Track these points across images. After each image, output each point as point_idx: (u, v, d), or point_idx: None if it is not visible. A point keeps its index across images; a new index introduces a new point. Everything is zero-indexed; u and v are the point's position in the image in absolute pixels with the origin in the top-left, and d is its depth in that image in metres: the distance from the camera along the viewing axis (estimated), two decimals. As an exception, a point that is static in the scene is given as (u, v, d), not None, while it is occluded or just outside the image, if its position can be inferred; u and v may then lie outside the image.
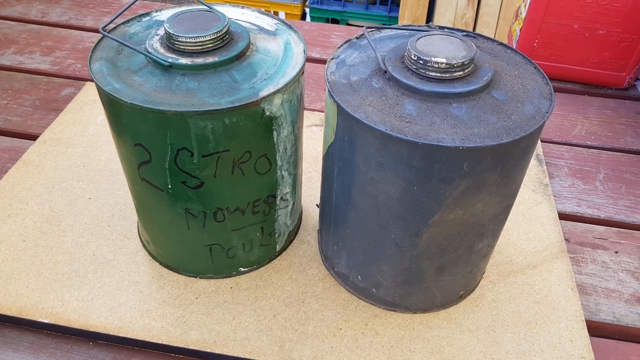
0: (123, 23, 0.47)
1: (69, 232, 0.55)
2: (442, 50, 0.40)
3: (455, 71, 0.39)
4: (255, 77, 0.41)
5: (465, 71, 0.40)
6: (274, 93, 0.40)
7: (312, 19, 1.82)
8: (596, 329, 0.52)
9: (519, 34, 0.85)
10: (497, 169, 0.38)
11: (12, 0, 1.01)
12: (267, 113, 0.41)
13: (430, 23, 0.49)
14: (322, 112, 0.76)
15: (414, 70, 0.40)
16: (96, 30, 0.93)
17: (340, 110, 0.39)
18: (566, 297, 0.52)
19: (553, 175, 0.69)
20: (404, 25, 0.48)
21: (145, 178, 0.43)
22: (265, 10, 0.48)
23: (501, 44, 0.47)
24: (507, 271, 0.54)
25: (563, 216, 0.63)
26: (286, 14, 1.85)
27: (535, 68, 0.44)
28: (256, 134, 0.42)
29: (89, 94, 0.75)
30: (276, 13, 1.83)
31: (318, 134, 0.70)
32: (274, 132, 0.43)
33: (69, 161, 0.63)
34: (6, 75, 0.81)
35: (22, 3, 1.00)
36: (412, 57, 0.40)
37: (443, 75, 0.39)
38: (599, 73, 0.83)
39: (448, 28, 0.48)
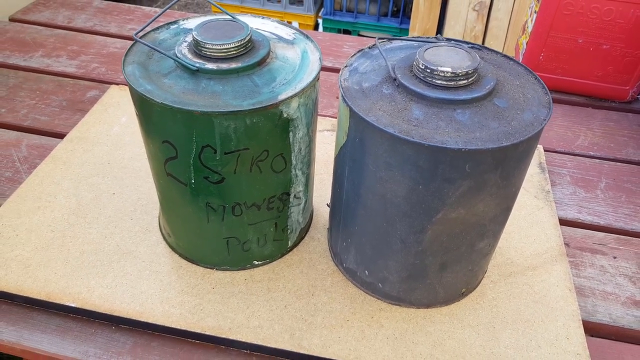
0: (153, 30, 0.50)
1: (95, 224, 0.59)
2: (448, 60, 0.43)
3: (460, 80, 0.42)
4: (274, 82, 0.45)
5: (469, 80, 0.43)
6: (292, 97, 0.43)
7: (325, 29, 1.87)
8: (593, 329, 0.54)
9: (525, 47, 0.88)
10: (498, 171, 0.41)
11: (40, 6, 1.06)
12: (285, 115, 0.44)
13: (438, 35, 0.52)
14: (334, 118, 0.79)
15: (421, 78, 0.43)
16: (120, 36, 0.97)
17: (353, 114, 0.43)
18: (564, 297, 0.54)
19: (555, 183, 0.71)
20: (413, 37, 0.51)
21: (171, 173, 0.47)
22: (280, 20, 0.52)
23: (505, 56, 0.50)
24: (508, 272, 0.56)
25: (564, 222, 0.65)
26: (299, 24, 1.89)
27: (536, 79, 0.47)
28: (274, 134, 0.45)
29: (113, 97, 0.79)
30: (290, 23, 1.88)
31: (329, 139, 0.73)
32: (290, 133, 0.46)
33: (94, 158, 0.67)
34: (35, 77, 0.85)
35: (49, 9, 1.05)
36: (420, 66, 0.43)
37: (448, 83, 0.42)
38: (603, 86, 0.86)
39: (455, 40, 0.51)
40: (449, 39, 0.51)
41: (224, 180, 0.46)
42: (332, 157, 0.70)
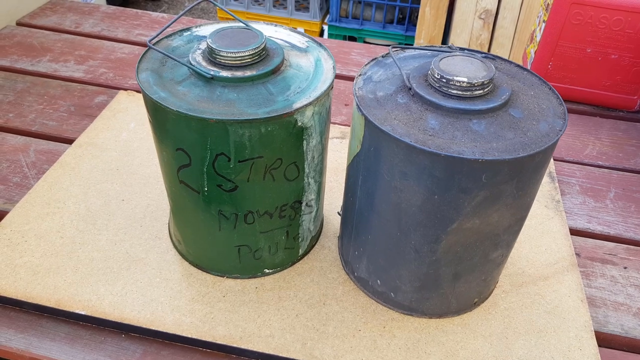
0: (166, 37, 0.50)
1: (104, 231, 0.58)
2: (463, 70, 0.43)
3: (476, 90, 0.42)
4: (289, 90, 0.45)
5: (485, 90, 0.43)
6: (306, 105, 0.43)
7: (330, 36, 1.87)
8: (605, 340, 0.54)
9: (533, 56, 0.88)
10: (513, 182, 0.41)
11: (47, 10, 1.06)
12: (299, 123, 0.44)
13: (451, 44, 0.52)
14: (343, 125, 0.79)
15: (436, 87, 0.43)
16: (128, 42, 0.97)
17: (368, 123, 0.42)
18: (576, 308, 0.54)
19: (565, 192, 0.71)
20: (426, 46, 0.51)
21: (184, 180, 0.47)
22: (293, 28, 0.52)
23: (518, 66, 0.50)
24: (520, 282, 0.56)
25: (574, 232, 0.65)
26: (305, 30, 1.90)
27: (550, 89, 0.47)
28: (288, 142, 0.45)
29: (121, 102, 0.79)
30: (295, 29, 1.88)
31: (338, 146, 0.73)
32: (304, 142, 0.46)
33: (103, 164, 0.67)
34: (42, 82, 0.85)
35: (57, 14, 1.05)
36: (436, 75, 0.43)
37: (464, 93, 0.42)
38: (611, 96, 0.86)
39: (468, 49, 0.51)
40: (462, 49, 0.51)
41: (237, 188, 0.46)
42: (341, 164, 0.70)
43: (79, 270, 0.54)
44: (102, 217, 0.60)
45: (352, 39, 1.89)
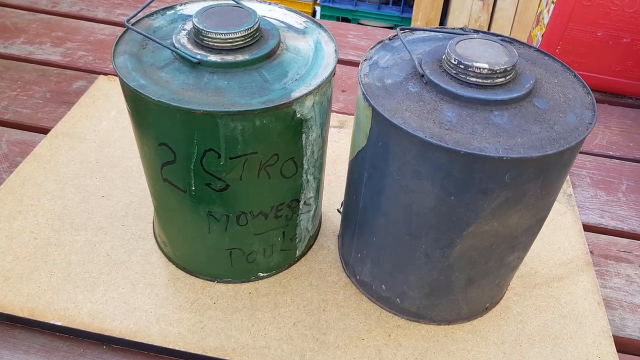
0: (147, 16, 0.45)
1: (82, 231, 0.53)
2: (483, 55, 0.38)
3: (497, 77, 0.38)
4: (286, 77, 0.40)
5: (507, 78, 0.38)
6: (306, 95, 0.38)
7: (323, 17, 1.81)
8: (622, 345, 0.50)
9: (540, 39, 0.83)
10: (539, 181, 0.37)
11: (21, -11, 0.98)
12: (298, 115, 0.39)
13: (464, 26, 0.47)
14: (340, 113, 0.74)
15: (453, 75, 0.38)
16: (108, 22, 0.91)
17: (376, 115, 0.38)
18: (593, 312, 0.50)
19: (575, 185, 0.67)
20: (437, 28, 0.47)
21: (168, 179, 0.42)
22: (289, 7, 0.47)
23: (538, 50, 0.46)
24: (532, 283, 0.52)
25: (586, 227, 0.61)
26: (296, 11, 1.83)
27: (575, 77, 0.43)
28: (285, 136, 0.40)
29: (101, 88, 0.73)
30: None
31: (336, 136, 0.68)
32: (303, 135, 0.41)
33: (81, 157, 0.62)
34: (16, 66, 0.79)
35: (32, -8, 0.98)
36: (452, 61, 0.38)
37: (484, 81, 0.38)
38: (621, 82, 0.82)
39: (483, 32, 0.47)
40: (476, 31, 0.46)
41: (228, 187, 0.41)
42: (340, 156, 0.65)
43: (54, 276, 0.49)
44: (80, 215, 0.55)
45: (345, 20, 1.82)
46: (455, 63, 0.38)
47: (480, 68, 0.37)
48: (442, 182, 0.36)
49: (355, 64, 0.86)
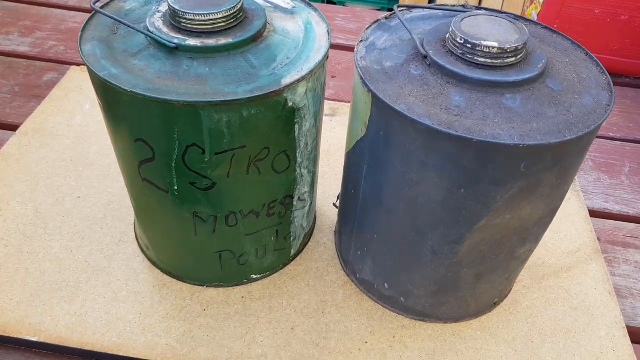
0: (117, -2, 0.41)
1: (57, 236, 0.49)
2: (491, 33, 0.35)
3: (508, 57, 0.34)
4: (275, 62, 0.36)
5: (518, 57, 0.35)
6: (298, 81, 0.35)
7: None
8: (636, 335, 0.48)
9: (536, 18, 0.80)
10: (555, 169, 0.34)
11: (-15, -25, 0.92)
12: (290, 104, 0.36)
13: (465, 3, 0.44)
14: (331, 100, 0.71)
15: (459, 55, 0.35)
16: (80, 9, 0.85)
17: (376, 101, 0.34)
18: (604, 302, 0.48)
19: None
20: (437, 5, 0.43)
21: (147, 178, 0.38)
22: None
23: (546, 27, 0.42)
24: (541, 274, 0.50)
25: (591, 213, 0.59)
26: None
27: (587, 55, 0.40)
28: (276, 127, 0.36)
29: (73, 80, 0.68)
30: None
31: (328, 125, 0.65)
32: (296, 126, 0.38)
33: (54, 155, 0.57)
34: (-19, 59, 0.73)
35: (-4, -21, 0.91)
36: (458, 40, 0.35)
37: (494, 61, 0.34)
38: (619, 61, 0.79)
39: (486, 9, 0.43)
40: (479, 8, 0.43)
41: (214, 185, 0.37)
42: (333, 146, 0.62)
43: (28, 286, 0.45)
44: (54, 219, 0.51)
45: (331, 3, 1.77)
46: (462, 42, 0.34)
47: (489, 47, 0.34)
48: (452, 173, 0.33)
49: (344, 48, 0.82)
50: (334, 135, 0.63)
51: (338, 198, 0.51)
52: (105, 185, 0.54)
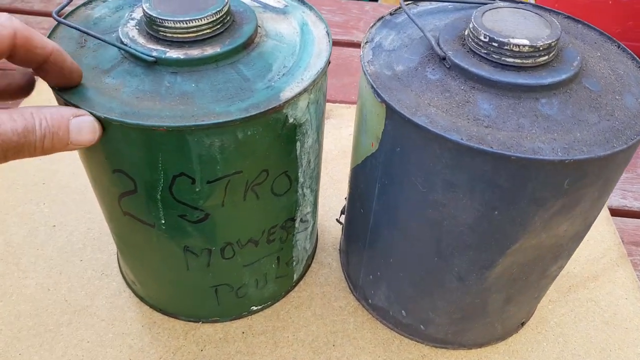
0: (83, 5, 0.35)
1: (32, 272, 0.44)
2: (518, 29, 0.30)
3: (540, 56, 0.30)
4: (270, 72, 0.31)
5: (550, 55, 0.30)
6: (300, 94, 0.30)
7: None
8: (670, 347, 0.45)
9: (532, 1, 0.76)
10: (599, 183, 0.29)
11: (-60, -20, 0.85)
12: (291, 120, 0.31)
13: (476, -7, 0.39)
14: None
15: (482, 55, 0.30)
16: (46, 14, 0.79)
17: (391, 113, 0.30)
18: (636, 313, 0.44)
19: (590, 164, 0.61)
20: (443, -4, 0.38)
21: (129, 212, 0.33)
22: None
23: (568, 17, 0.38)
24: (566, 286, 0.46)
25: (610, 211, 0.55)
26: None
27: (619, 47, 0.35)
28: (275, 148, 0.31)
29: (42, 93, 0.62)
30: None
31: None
32: (297, 143, 0.33)
33: (23, 178, 0.51)
34: (-61, 72, 0.67)
35: (-47, -17, 0.84)
36: (482, 38, 0.30)
37: (524, 61, 0.30)
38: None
39: (499, -2, 0.39)
40: (491, -3, 0.38)
41: (207, 217, 0.32)
42: (329, 152, 0.57)
43: (1, 334, 0.40)
44: (27, 252, 0.45)
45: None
46: (486, 40, 0.30)
47: (519, 45, 0.29)
48: (484, 194, 0.29)
49: (333, 42, 0.77)
50: (330, 140, 0.58)
51: (342, 213, 0.46)
52: (83, 211, 0.49)
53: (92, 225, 0.48)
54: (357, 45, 0.79)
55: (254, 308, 0.42)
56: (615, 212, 0.56)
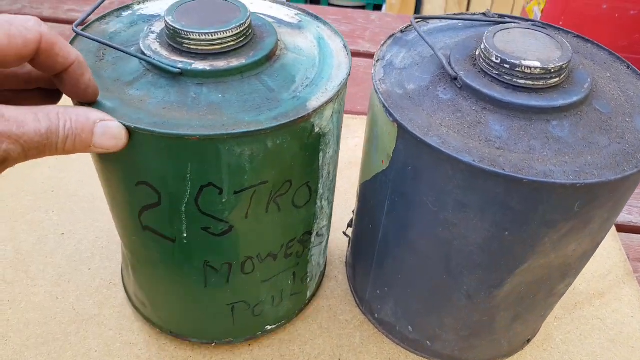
0: (98, 20, 0.36)
1: (40, 280, 0.44)
2: (529, 50, 0.31)
3: (551, 78, 0.30)
4: (294, 84, 0.31)
5: (561, 77, 0.31)
6: (326, 103, 0.30)
7: None
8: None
9: (539, 14, 0.76)
10: (609, 205, 0.30)
11: (-49, -15, 0.86)
12: (317, 129, 0.31)
13: (487, 10, 0.40)
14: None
15: (494, 76, 0.31)
16: (55, 20, 0.79)
17: (403, 133, 0.30)
18: (642, 331, 0.44)
19: (596, 179, 0.61)
20: (455, 15, 0.39)
21: (150, 226, 0.33)
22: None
23: (578, 36, 0.39)
24: (572, 303, 0.46)
25: (615, 227, 0.55)
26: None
27: (629, 68, 0.36)
28: (299, 158, 0.32)
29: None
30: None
31: (331, 141, 0.60)
32: (320, 154, 0.33)
33: (33, 186, 0.52)
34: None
35: (-36, -12, 0.85)
36: (494, 59, 0.30)
37: (535, 83, 0.30)
38: (628, 57, 0.75)
39: (509, 16, 0.39)
40: (501, 15, 0.39)
41: (231, 229, 0.32)
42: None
43: (10, 342, 0.40)
44: (36, 260, 0.46)
45: (314, 2, 1.72)
46: (498, 62, 0.30)
47: (531, 67, 0.30)
48: (495, 215, 0.29)
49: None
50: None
51: (349, 226, 0.47)
52: (92, 219, 0.49)
53: (100, 234, 0.48)
54: (363, 55, 0.79)
55: (269, 327, 0.41)
56: (620, 228, 0.56)
